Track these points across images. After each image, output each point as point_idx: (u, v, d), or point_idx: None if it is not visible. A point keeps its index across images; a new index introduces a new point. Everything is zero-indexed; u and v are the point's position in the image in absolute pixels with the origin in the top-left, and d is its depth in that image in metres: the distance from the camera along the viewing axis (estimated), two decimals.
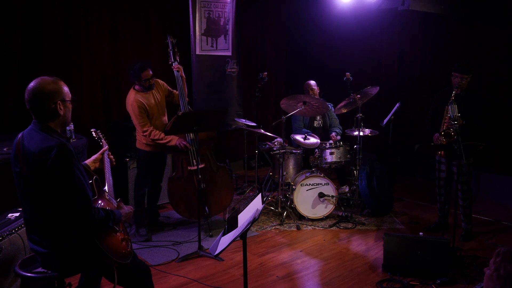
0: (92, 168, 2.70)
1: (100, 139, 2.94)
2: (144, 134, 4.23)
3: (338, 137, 5.33)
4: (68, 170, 2.14)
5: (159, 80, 4.45)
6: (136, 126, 4.27)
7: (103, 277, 2.66)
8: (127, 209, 2.51)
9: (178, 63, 4.42)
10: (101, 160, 2.74)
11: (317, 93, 5.53)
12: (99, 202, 2.51)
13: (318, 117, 5.60)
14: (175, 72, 4.40)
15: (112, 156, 2.79)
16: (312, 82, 5.60)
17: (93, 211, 2.21)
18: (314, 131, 5.54)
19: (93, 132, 3.06)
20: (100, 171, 2.74)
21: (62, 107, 2.25)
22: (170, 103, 4.54)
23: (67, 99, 2.29)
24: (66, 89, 2.30)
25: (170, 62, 4.42)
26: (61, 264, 2.30)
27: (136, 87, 4.29)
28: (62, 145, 2.15)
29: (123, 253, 2.38)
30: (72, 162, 2.16)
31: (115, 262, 2.32)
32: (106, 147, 2.81)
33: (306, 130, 5.46)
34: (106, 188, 2.64)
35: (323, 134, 5.54)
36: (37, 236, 2.27)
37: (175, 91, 4.49)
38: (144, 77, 4.17)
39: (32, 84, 2.22)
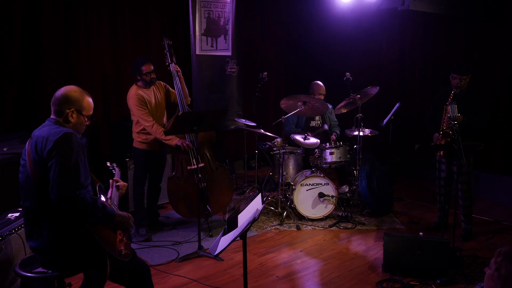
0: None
1: (114, 168, 3.02)
2: (147, 127, 4.22)
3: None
4: (68, 151, 2.25)
5: (161, 82, 4.49)
6: (139, 119, 4.24)
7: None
8: (123, 213, 2.49)
9: (175, 64, 4.44)
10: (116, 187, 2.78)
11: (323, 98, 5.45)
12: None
13: (317, 117, 5.59)
14: (173, 72, 4.41)
15: (118, 184, 2.79)
16: (324, 87, 5.45)
17: (78, 192, 2.23)
18: (311, 131, 5.53)
19: (108, 163, 3.16)
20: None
21: (74, 116, 2.41)
22: (171, 104, 4.55)
23: (84, 113, 2.45)
24: (89, 103, 2.48)
25: (167, 63, 4.45)
26: (61, 261, 2.31)
27: (139, 83, 4.33)
28: (70, 132, 2.31)
29: (120, 251, 2.37)
30: (73, 147, 2.27)
31: (111, 256, 2.32)
32: (116, 177, 2.85)
33: (287, 129, 5.45)
34: (109, 196, 2.63)
35: (322, 134, 5.54)
36: (38, 230, 2.29)
37: (173, 90, 4.50)
38: (145, 70, 4.23)
39: (61, 89, 2.46)
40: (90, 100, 2.51)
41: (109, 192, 2.70)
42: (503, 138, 5.70)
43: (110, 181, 2.79)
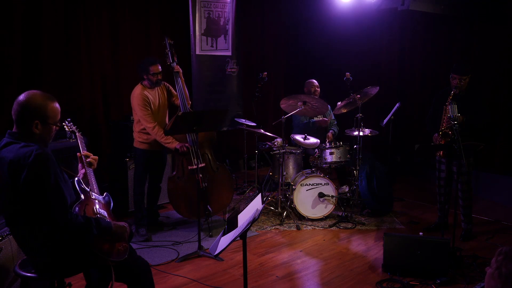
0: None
1: (74, 132, 2.78)
2: (148, 128, 4.23)
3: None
4: (45, 175, 2.11)
5: (164, 82, 4.48)
6: (141, 119, 4.24)
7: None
8: (121, 223, 2.44)
9: (177, 64, 4.43)
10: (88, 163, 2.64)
11: (318, 94, 5.52)
12: (83, 205, 2.41)
13: (319, 116, 5.59)
14: (174, 73, 4.41)
15: (89, 160, 2.64)
16: (316, 82, 5.60)
17: (69, 216, 2.16)
18: (315, 128, 5.53)
19: (65, 126, 2.86)
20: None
21: (39, 127, 2.21)
22: (173, 105, 4.55)
23: (50, 121, 2.24)
24: (54, 110, 2.25)
25: (168, 63, 4.44)
26: (58, 269, 2.30)
27: (144, 82, 4.32)
28: (40, 152, 2.13)
29: (118, 250, 2.37)
30: (49, 168, 2.12)
31: (112, 262, 2.31)
32: (83, 151, 2.67)
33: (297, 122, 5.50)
34: (91, 188, 2.60)
35: (325, 131, 5.55)
36: (30, 249, 2.27)
37: (175, 91, 4.50)
38: (153, 71, 4.22)
39: (22, 95, 2.23)
40: (55, 105, 2.27)
41: (80, 171, 2.60)
42: (503, 138, 5.70)
43: (78, 154, 2.62)
